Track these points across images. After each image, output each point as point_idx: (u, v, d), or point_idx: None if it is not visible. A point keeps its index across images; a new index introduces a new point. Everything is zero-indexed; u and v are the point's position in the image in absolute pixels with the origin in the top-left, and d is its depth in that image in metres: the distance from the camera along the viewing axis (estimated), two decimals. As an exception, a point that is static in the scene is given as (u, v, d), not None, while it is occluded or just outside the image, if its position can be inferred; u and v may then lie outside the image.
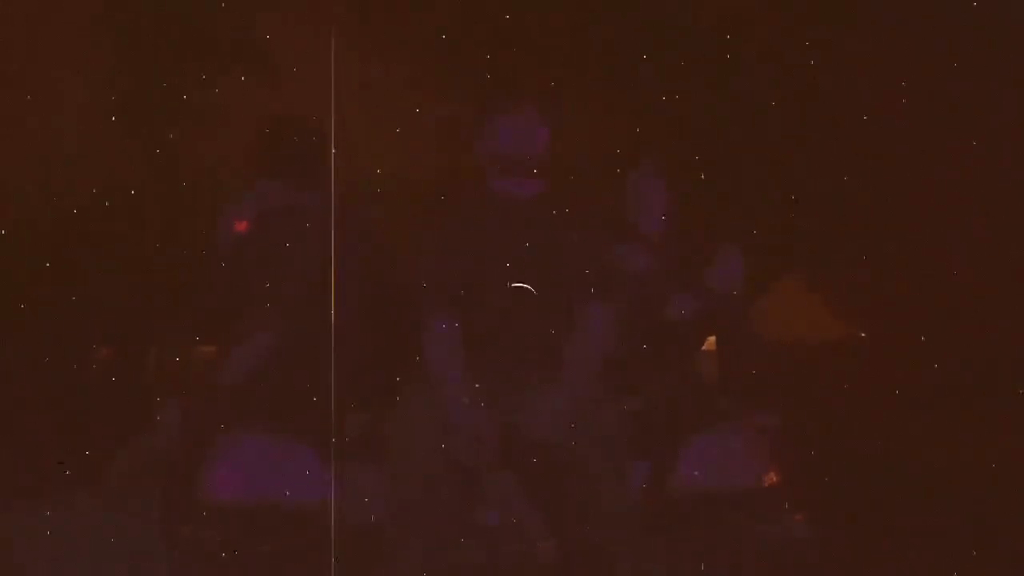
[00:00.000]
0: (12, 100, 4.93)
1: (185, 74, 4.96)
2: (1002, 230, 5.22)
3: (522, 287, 3.51)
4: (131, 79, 5.03)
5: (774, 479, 3.63)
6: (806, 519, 3.59)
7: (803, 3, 5.15)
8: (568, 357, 3.48)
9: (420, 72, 4.50)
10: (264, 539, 3.47)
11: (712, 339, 4.16)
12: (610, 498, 3.41)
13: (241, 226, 3.85)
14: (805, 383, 4.70)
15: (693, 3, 4.98)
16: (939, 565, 4.10)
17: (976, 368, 5.18)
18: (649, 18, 5.02)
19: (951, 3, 5.08)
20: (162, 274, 4.72)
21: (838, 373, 5.04)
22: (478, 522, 3.47)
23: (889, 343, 5.52)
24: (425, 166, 4.20)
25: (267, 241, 3.85)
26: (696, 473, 3.60)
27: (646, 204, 4.10)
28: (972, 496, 4.51)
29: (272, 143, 3.83)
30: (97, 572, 3.79)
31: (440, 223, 3.59)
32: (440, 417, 3.42)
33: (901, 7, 5.10)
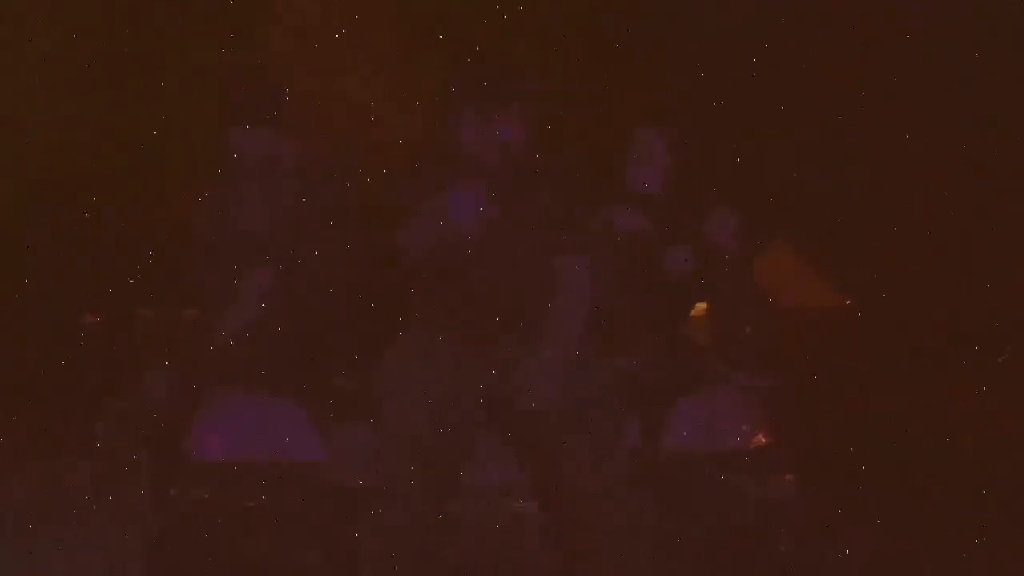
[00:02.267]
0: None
1: (163, 43, 4.93)
2: (988, 202, 5.25)
3: None
4: (108, 51, 5.00)
5: (763, 440, 3.63)
6: (795, 480, 3.60)
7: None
8: (556, 316, 3.46)
9: (403, 29, 4.48)
10: (253, 497, 3.46)
11: (703, 305, 4.16)
12: (600, 457, 3.40)
13: None
14: (795, 346, 4.70)
15: None
16: (926, 523, 4.13)
17: (959, 335, 5.20)
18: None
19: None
20: (148, 238, 4.70)
21: (827, 337, 5.06)
22: (466, 482, 3.46)
23: (876, 309, 5.54)
24: (404, 127, 4.18)
25: (255, 201, 3.82)
26: (685, 433, 3.60)
27: (640, 166, 4.09)
28: (958, 455, 4.54)
29: (254, 103, 3.79)
30: (89, 531, 3.79)
31: (419, 183, 3.55)
32: (429, 377, 3.40)
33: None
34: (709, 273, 3.91)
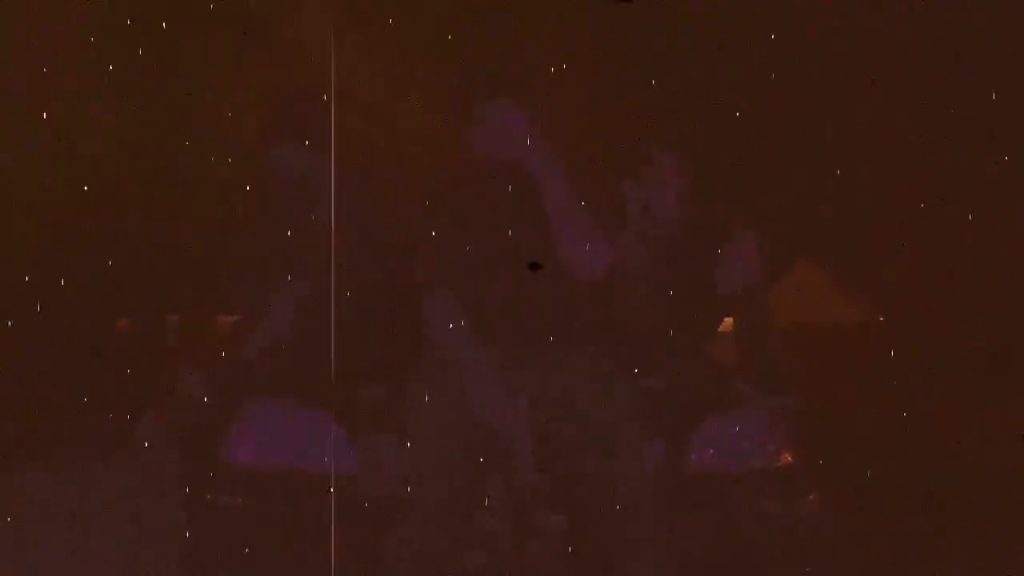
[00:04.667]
0: (27, 78, 4.96)
1: (191, 50, 4.98)
2: (1017, 216, 5.23)
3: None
4: (136, 56, 5.05)
5: (789, 459, 3.66)
6: (819, 499, 3.62)
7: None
8: (580, 333, 3.49)
9: (421, 49, 4.51)
10: (282, 505, 3.52)
11: (729, 320, 4.18)
12: (625, 476, 3.43)
13: None
14: (820, 364, 4.71)
15: None
16: (954, 543, 4.12)
17: (993, 354, 5.18)
18: (650, 11, 5.02)
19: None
20: (179, 246, 4.75)
21: (853, 355, 5.06)
22: (492, 496, 3.50)
23: (906, 327, 5.52)
24: (428, 141, 4.21)
25: (283, 212, 3.87)
26: (711, 452, 3.63)
27: (661, 186, 4.12)
28: (988, 476, 4.52)
29: (278, 115, 3.85)
30: (122, 536, 3.84)
31: (443, 198, 3.59)
32: (455, 390, 3.44)
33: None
34: (734, 294, 3.94)
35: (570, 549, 3.47)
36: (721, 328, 4.17)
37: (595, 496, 3.41)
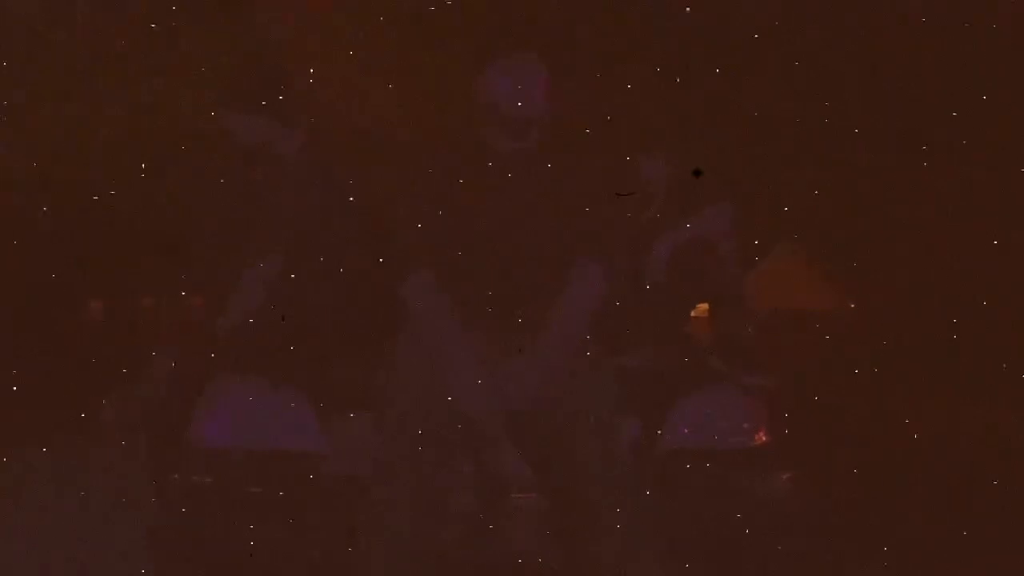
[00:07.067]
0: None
1: (169, 29, 4.93)
2: (995, 207, 5.26)
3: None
4: (107, 29, 4.99)
5: (763, 439, 3.66)
6: (793, 478, 3.63)
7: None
8: (560, 313, 3.47)
9: (416, 13, 4.46)
10: (255, 484, 3.49)
11: (704, 305, 4.19)
12: (600, 454, 3.42)
13: None
14: (796, 346, 4.72)
15: None
16: (925, 524, 4.15)
17: (961, 338, 5.21)
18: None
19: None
20: (152, 222, 4.71)
21: (828, 338, 5.09)
22: (467, 474, 3.48)
23: (879, 311, 5.56)
24: (415, 113, 4.17)
25: (257, 188, 3.83)
26: (686, 431, 3.63)
27: (643, 165, 4.12)
28: (958, 457, 4.56)
29: (256, 88, 3.80)
30: (90, 516, 3.81)
31: (427, 171, 3.56)
32: (431, 368, 3.42)
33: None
34: (711, 272, 3.95)
35: (547, 530, 3.46)
36: (696, 312, 4.17)
37: (571, 475, 3.39)
